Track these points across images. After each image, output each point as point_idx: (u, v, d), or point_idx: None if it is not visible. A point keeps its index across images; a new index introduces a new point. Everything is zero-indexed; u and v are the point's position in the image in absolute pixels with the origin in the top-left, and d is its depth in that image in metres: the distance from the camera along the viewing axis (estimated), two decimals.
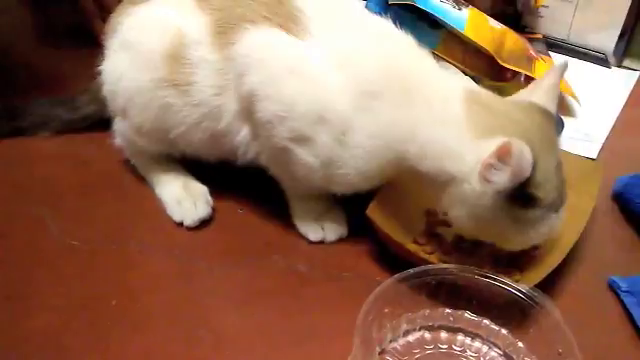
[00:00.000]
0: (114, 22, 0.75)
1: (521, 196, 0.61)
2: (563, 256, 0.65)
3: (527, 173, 0.59)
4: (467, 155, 0.62)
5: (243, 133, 0.70)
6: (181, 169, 0.78)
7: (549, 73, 0.71)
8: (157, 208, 0.76)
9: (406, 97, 0.64)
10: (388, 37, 0.69)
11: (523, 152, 0.58)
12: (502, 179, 0.60)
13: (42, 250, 0.70)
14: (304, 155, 0.66)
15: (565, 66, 0.71)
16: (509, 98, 0.69)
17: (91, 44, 0.82)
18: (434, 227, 0.74)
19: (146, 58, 0.70)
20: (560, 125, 0.89)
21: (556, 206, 0.64)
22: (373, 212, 0.69)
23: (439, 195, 0.65)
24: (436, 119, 0.64)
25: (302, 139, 0.66)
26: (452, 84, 0.68)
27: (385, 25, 0.70)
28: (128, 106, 0.73)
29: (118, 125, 0.78)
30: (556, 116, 0.69)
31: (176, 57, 0.69)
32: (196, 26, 0.69)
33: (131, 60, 0.72)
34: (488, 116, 0.64)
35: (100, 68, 0.76)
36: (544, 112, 0.65)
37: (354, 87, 0.65)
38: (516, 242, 0.66)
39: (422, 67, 0.67)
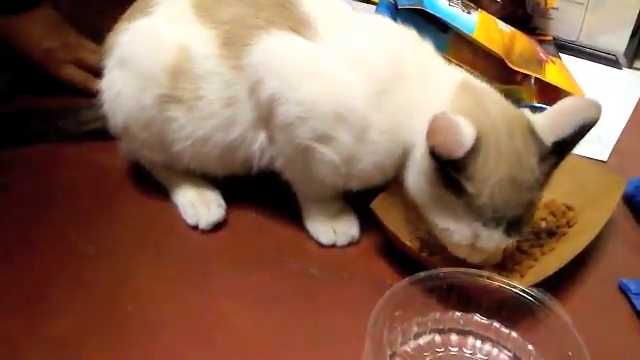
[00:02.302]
0: (111, 40, 0.75)
1: (450, 178, 0.61)
2: (560, 266, 0.65)
3: (458, 150, 0.58)
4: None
5: (260, 140, 0.71)
6: (194, 174, 0.79)
7: (566, 100, 0.66)
8: (172, 213, 0.78)
9: (408, 92, 0.67)
10: (392, 33, 0.72)
11: (461, 128, 0.58)
12: (428, 142, 0.59)
13: (60, 255, 0.72)
14: (327, 153, 0.68)
15: (592, 108, 0.63)
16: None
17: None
18: None
19: (146, 74, 0.70)
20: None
21: (486, 219, 0.61)
22: (378, 207, 0.70)
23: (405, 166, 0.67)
24: (426, 106, 0.65)
25: (324, 138, 0.67)
26: (450, 75, 0.69)
27: (387, 22, 0.74)
28: (129, 123, 0.73)
29: (123, 144, 0.79)
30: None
31: (180, 73, 0.70)
32: (201, 41, 0.69)
33: (130, 77, 0.72)
34: (468, 102, 0.65)
35: (98, 87, 0.76)
36: (526, 125, 0.63)
37: (366, 85, 0.67)
38: (441, 228, 0.65)
39: (424, 61, 0.70)
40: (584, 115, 0.62)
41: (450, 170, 0.60)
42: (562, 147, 0.63)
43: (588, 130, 0.63)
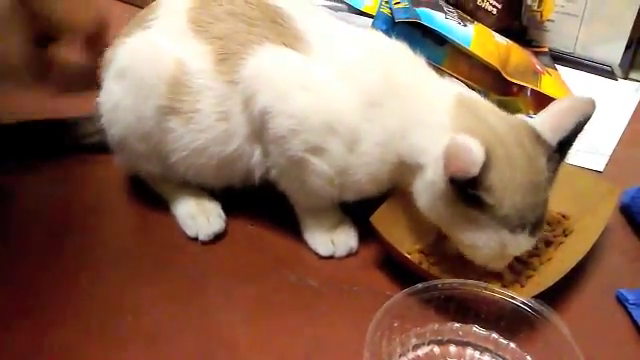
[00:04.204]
0: (109, 54, 0.75)
1: (469, 196, 0.61)
2: (562, 275, 0.65)
3: (473, 170, 0.59)
4: (437, 147, 0.62)
5: (257, 154, 0.72)
6: (193, 186, 0.79)
7: (561, 101, 0.70)
8: (171, 224, 0.78)
9: (402, 105, 0.68)
10: (384, 47, 0.73)
11: (471, 148, 0.59)
12: (447, 171, 0.60)
13: (57, 267, 0.72)
14: (320, 164, 0.68)
15: (588, 104, 0.66)
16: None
17: None
18: (444, 238, 0.75)
19: (147, 86, 0.71)
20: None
21: (513, 226, 0.63)
22: (377, 220, 0.70)
23: (414, 186, 0.68)
24: (425, 122, 0.67)
25: (316, 150, 0.68)
26: (445, 89, 0.70)
27: (379, 36, 0.75)
28: (127, 134, 0.74)
29: (119, 157, 0.79)
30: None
31: (177, 85, 0.70)
32: (197, 55, 0.70)
33: (130, 89, 0.72)
34: (470, 119, 0.66)
35: (97, 100, 0.76)
36: (529, 130, 0.65)
37: (358, 98, 0.68)
38: (468, 244, 0.66)
39: (416, 74, 0.71)
40: (581, 113, 0.66)
41: (469, 189, 0.61)
42: (564, 144, 0.66)
43: (585, 124, 0.66)
